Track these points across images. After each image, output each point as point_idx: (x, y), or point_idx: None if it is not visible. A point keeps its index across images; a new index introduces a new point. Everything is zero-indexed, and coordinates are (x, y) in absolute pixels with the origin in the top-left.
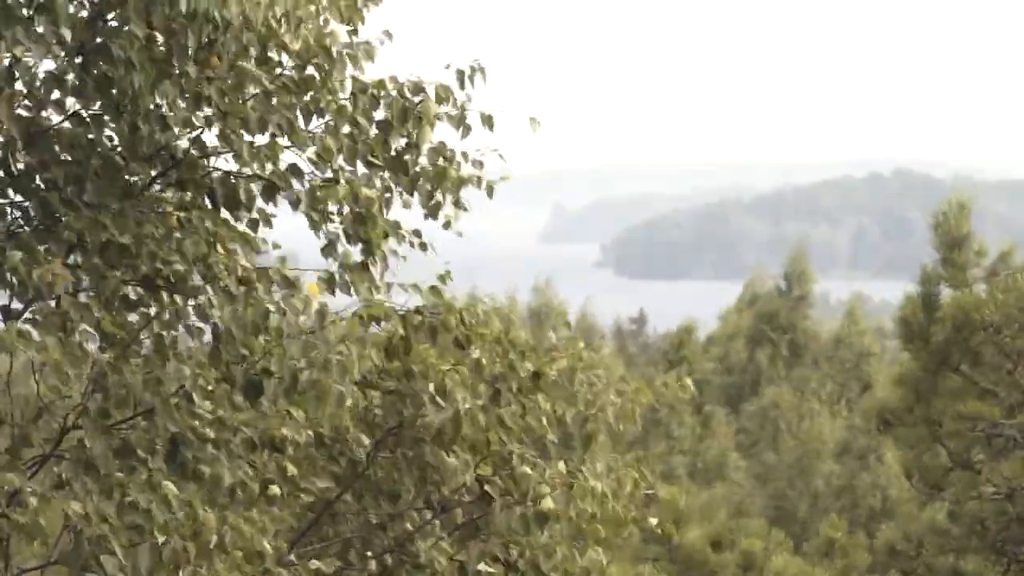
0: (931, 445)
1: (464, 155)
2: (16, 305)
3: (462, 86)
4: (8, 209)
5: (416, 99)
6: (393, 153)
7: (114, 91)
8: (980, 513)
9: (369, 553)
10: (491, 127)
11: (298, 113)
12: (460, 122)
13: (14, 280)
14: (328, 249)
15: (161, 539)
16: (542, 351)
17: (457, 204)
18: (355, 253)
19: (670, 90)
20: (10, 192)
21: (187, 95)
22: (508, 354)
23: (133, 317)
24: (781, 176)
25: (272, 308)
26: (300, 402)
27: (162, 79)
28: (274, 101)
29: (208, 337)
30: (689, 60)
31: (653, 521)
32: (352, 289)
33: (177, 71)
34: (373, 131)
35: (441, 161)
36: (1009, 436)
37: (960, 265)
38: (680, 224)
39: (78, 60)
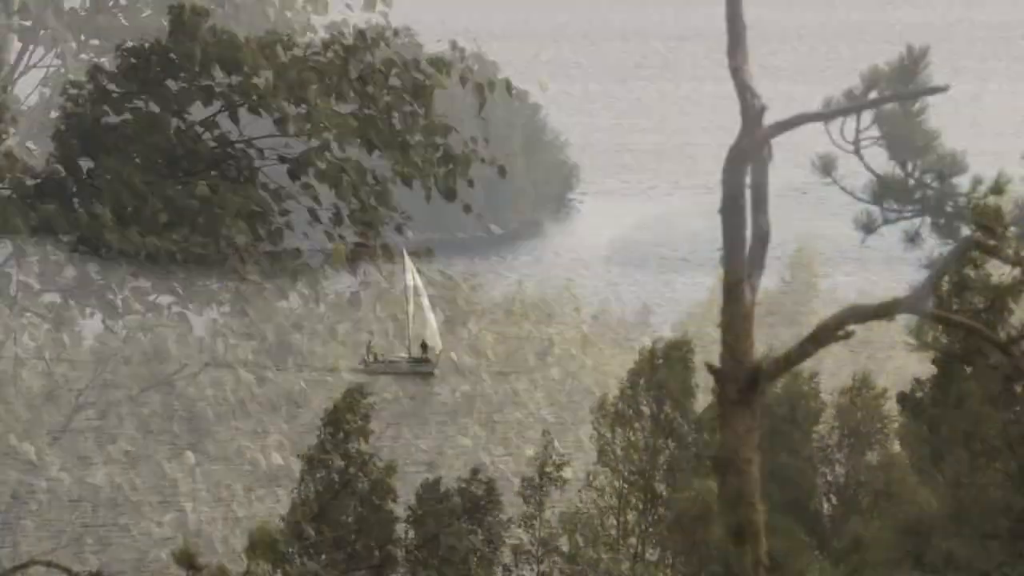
0: (954, 428)
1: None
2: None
3: (461, 59)
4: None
5: (427, 72)
6: (398, 129)
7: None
8: (999, 499)
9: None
10: (509, 91)
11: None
12: (480, 91)
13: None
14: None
15: (188, 507)
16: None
17: (470, 184)
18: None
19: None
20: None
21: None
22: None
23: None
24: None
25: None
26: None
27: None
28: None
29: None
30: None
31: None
32: None
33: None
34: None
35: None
36: None
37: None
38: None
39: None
